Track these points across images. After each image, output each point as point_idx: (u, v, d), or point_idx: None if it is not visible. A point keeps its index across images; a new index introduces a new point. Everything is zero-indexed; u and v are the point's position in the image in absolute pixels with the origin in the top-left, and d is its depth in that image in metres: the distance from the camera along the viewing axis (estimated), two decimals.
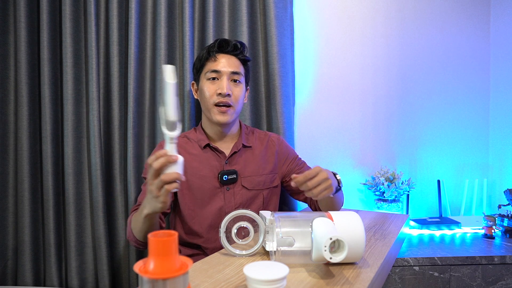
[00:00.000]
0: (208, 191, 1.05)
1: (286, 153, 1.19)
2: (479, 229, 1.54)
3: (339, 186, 0.96)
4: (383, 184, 1.53)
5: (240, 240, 0.76)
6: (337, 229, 0.62)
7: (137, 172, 1.32)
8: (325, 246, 0.55)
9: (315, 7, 1.62)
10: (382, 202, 1.55)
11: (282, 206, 1.39)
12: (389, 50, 1.67)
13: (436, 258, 1.27)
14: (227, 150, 1.11)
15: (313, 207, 1.17)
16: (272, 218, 0.68)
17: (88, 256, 1.32)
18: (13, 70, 1.32)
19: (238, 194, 1.07)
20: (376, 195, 1.59)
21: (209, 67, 1.07)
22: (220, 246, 1.03)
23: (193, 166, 1.07)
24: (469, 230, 1.55)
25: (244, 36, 1.37)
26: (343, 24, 1.64)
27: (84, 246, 1.32)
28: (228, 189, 1.06)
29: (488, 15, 1.73)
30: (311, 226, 0.63)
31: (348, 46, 1.65)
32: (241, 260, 0.70)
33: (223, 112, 1.05)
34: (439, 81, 1.71)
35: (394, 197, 1.54)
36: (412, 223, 1.57)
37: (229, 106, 1.05)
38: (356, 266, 0.66)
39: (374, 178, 1.59)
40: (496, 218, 1.52)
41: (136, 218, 0.91)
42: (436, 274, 1.27)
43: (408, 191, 1.58)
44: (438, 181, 1.67)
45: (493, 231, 1.46)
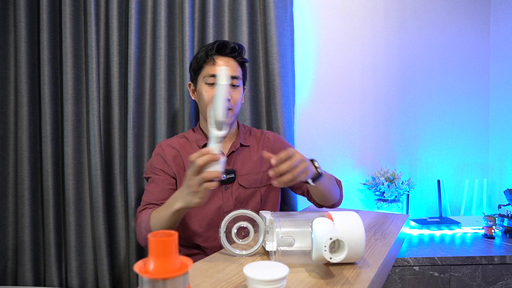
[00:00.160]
0: None
1: (282, 148, 1.17)
2: (479, 229, 1.54)
3: (317, 171, 0.91)
4: (383, 184, 1.53)
5: (240, 240, 0.76)
6: (337, 229, 0.62)
7: (137, 172, 1.32)
8: (325, 246, 0.55)
9: (315, 7, 1.62)
10: (382, 202, 1.55)
11: (282, 206, 1.39)
12: (389, 50, 1.67)
13: (436, 258, 1.27)
14: (225, 150, 1.12)
15: (312, 200, 1.12)
16: (272, 218, 0.68)
17: (88, 256, 1.32)
18: (13, 70, 1.32)
19: (235, 193, 1.07)
20: (376, 195, 1.59)
21: (207, 71, 1.06)
22: (220, 245, 1.03)
23: None
24: (469, 230, 1.55)
25: (244, 36, 1.37)
26: (343, 24, 1.64)
27: (84, 246, 1.32)
28: (226, 188, 1.07)
29: (488, 15, 1.73)
30: (311, 226, 0.63)
31: (348, 46, 1.65)
32: (241, 260, 0.70)
33: None
34: (439, 81, 1.71)
35: (394, 197, 1.54)
36: (412, 223, 1.57)
37: (228, 109, 1.06)
38: (356, 266, 0.66)
39: (374, 178, 1.59)
40: (496, 218, 1.52)
41: (160, 215, 0.89)
42: (436, 274, 1.27)
43: (408, 191, 1.58)
44: (438, 181, 1.67)
45: (493, 231, 1.46)
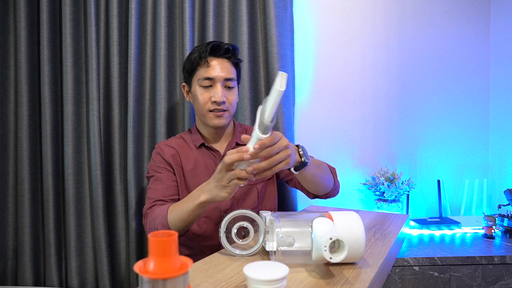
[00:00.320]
0: None
1: None
2: (479, 229, 1.54)
3: (302, 159, 0.85)
4: (383, 184, 1.53)
5: (240, 240, 0.76)
6: (337, 229, 0.62)
7: (137, 172, 1.32)
8: (325, 246, 0.55)
9: (315, 7, 1.62)
10: (382, 202, 1.55)
11: (282, 206, 1.39)
12: (389, 50, 1.67)
13: (436, 258, 1.27)
14: (221, 149, 1.12)
15: (305, 191, 1.09)
16: (272, 218, 0.68)
17: (88, 256, 1.32)
18: (13, 70, 1.32)
19: None
20: (376, 195, 1.59)
21: (201, 73, 1.05)
22: (218, 244, 1.03)
23: (189, 166, 1.08)
24: (469, 230, 1.55)
25: (244, 36, 1.37)
26: (343, 24, 1.64)
27: (84, 246, 1.32)
28: None
29: (488, 15, 1.73)
30: (311, 226, 0.63)
31: (348, 46, 1.65)
32: (241, 260, 0.70)
33: (219, 116, 1.06)
34: (439, 81, 1.71)
35: (394, 197, 1.54)
36: (412, 223, 1.57)
37: (224, 110, 1.06)
38: (356, 266, 0.66)
39: (374, 178, 1.59)
40: (496, 218, 1.52)
41: (181, 209, 0.89)
42: (436, 274, 1.27)
43: (408, 191, 1.58)
44: (438, 181, 1.67)
45: (493, 231, 1.46)
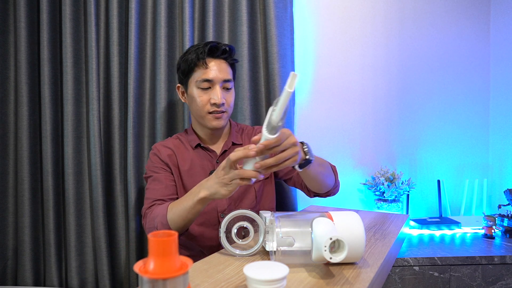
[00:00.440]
0: None
1: None
2: (479, 229, 1.54)
3: (306, 157, 0.83)
4: (383, 184, 1.53)
5: (240, 240, 0.76)
6: (337, 229, 0.62)
7: (137, 172, 1.32)
8: (325, 246, 0.55)
9: (315, 7, 1.62)
10: (382, 202, 1.55)
11: (281, 206, 1.39)
12: (389, 50, 1.67)
13: (436, 258, 1.27)
14: (218, 149, 1.12)
15: (306, 190, 1.08)
16: (272, 218, 0.68)
17: (88, 256, 1.32)
18: (13, 70, 1.32)
19: None
20: (376, 195, 1.59)
21: (200, 75, 1.03)
22: (217, 246, 1.03)
23: (186, 166, 1.08)
24: (469, 230, 1.55)
25: (244, 36, 1.37)
26: (343, 24, 1.64)
27: (84, 246, 1.32)
28: None
29: (488, 15, 1.73)
30: (311, 226, 0.63)
31: (348, 46, 1.65)
32: (241, 260, 0.70)
33: (218, 118, 1.05)
34: (439, 81, 1.71)
35: (394, 197, 1.54)
36: (412, 223, 1.57)
37: (223, 112, 1.05)
38: (356, 266, 0.66)
39: (374, 178, 1.59)
40: (496, 218, 1.52)
41: (180, 206, 0.88)
42: (436, 274, 1.27)
43: (408, 191, 1.58)
44: (438, 181, 1.67)
45: (493, 231, 1.46)
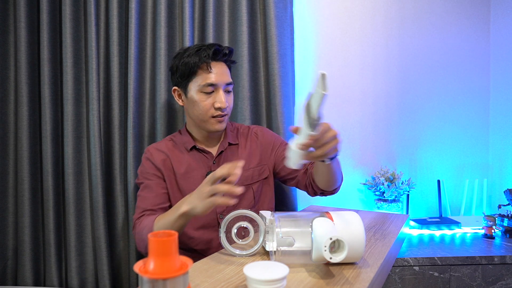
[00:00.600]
0: None
1: (271, 141, 1.16)
2: (479, 229, 1.54)
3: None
4: (383, 184, 1.53)
5: (240, 240, 0.76)
6: (337, 229, 0.62)
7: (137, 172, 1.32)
8: (325, 246, 0.55)
9: (315, 7, 1.62)
10: (382, 202, 1.55)
11: (281, 206, 1.39)
12: (389, 50, 1.67)
13: (436, 258, 1.27)
14: (213, 150, 1.11)
15: (311, 188, 1.08)
16: (272, 218, 0.68)
17: (88, 256, 1.32)
18: (13, 70, 1.32)
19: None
20: (376, 195, 1.59)
21: (203, 79, 1.01)
22: (216, 248, 1.03)
23: (182, 170, 1.07)
24: (469, 230, 1.55)
25: (244, 36, 1.37)
26: (343, 24, 1.64)
27: (84, 246, 1.32)
28: None
29: (488, 15, 1.73)
30: (311, 226, 0.63)
31: (348, 46, 1.65)
32: (241, 260, 0.70)
33: (220, 121, 1.05)
34: (439, 81, 1.71)
35: (394, 197, 1.54)
36: (412, 223, 1.57)
37: (225, 115, 1.05)
38: (356, 266, 0.66)
39: (374, 178, 1.59)
40: (496, 218, 1.52)
41: (165, 220, 0.88)
42: (436, 274, 1.27)
43: (408, 191, 1.58)
44: (438, 181, 1.67)
45: (493, 231, 1.46)
